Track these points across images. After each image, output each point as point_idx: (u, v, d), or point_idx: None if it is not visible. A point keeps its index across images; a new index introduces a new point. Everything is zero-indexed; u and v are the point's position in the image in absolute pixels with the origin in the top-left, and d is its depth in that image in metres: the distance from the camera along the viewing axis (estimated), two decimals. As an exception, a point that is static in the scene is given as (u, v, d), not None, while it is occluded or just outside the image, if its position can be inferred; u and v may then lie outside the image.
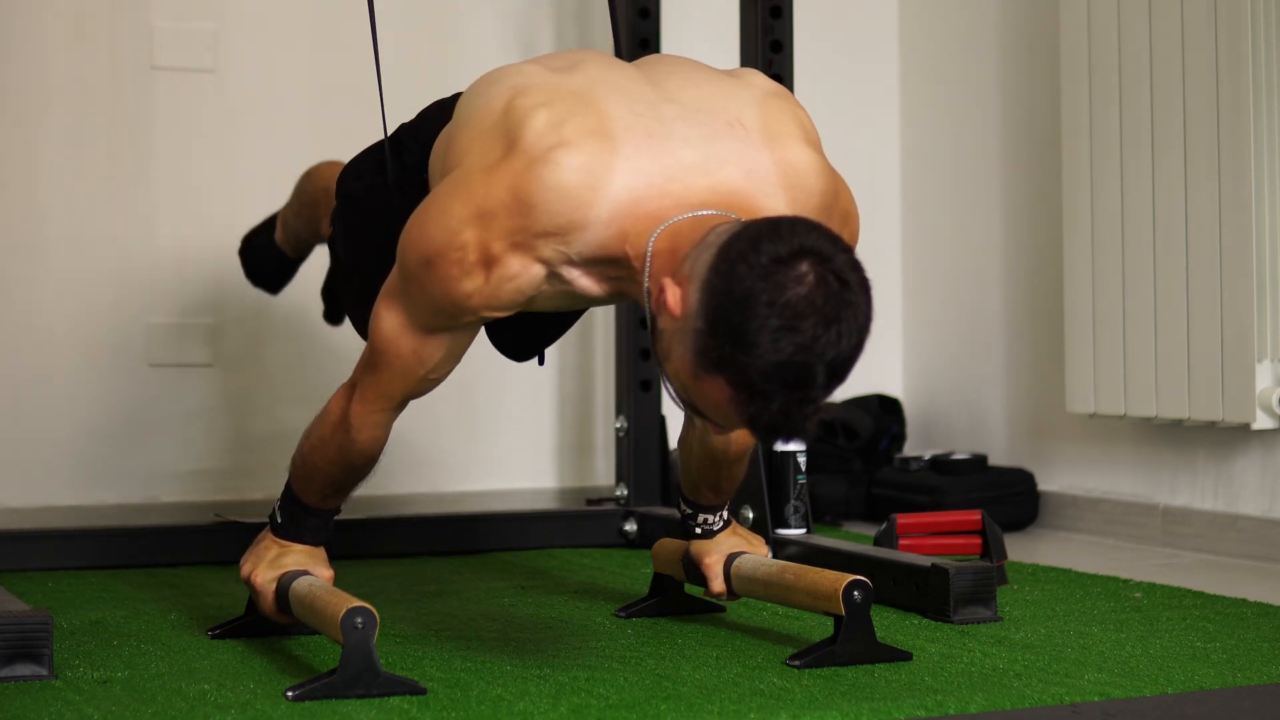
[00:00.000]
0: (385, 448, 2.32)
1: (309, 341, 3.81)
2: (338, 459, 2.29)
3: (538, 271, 2.03)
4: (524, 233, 2.00)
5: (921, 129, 4.28)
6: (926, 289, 4.26)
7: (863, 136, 4.31)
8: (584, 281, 2.06)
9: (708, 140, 2.05)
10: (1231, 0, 3.20)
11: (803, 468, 3.05)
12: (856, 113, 4.31)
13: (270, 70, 3.84)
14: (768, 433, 1.92)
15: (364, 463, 2.30)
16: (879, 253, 4.33)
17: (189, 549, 3.17)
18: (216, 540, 3.17)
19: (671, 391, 1.99)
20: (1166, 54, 3.35)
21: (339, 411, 2.26)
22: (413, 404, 3.32)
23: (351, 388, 2.26)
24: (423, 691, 2.04)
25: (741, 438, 2.45)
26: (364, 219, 2.44)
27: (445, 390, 3.96)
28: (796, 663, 2.22)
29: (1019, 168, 3.95)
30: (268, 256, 3.16)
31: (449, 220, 2.03)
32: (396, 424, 3.39)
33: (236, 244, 3.82)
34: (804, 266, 1.87)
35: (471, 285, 2.03)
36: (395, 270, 2.14)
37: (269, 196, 3.37)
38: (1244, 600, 2.72)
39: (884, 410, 4.09)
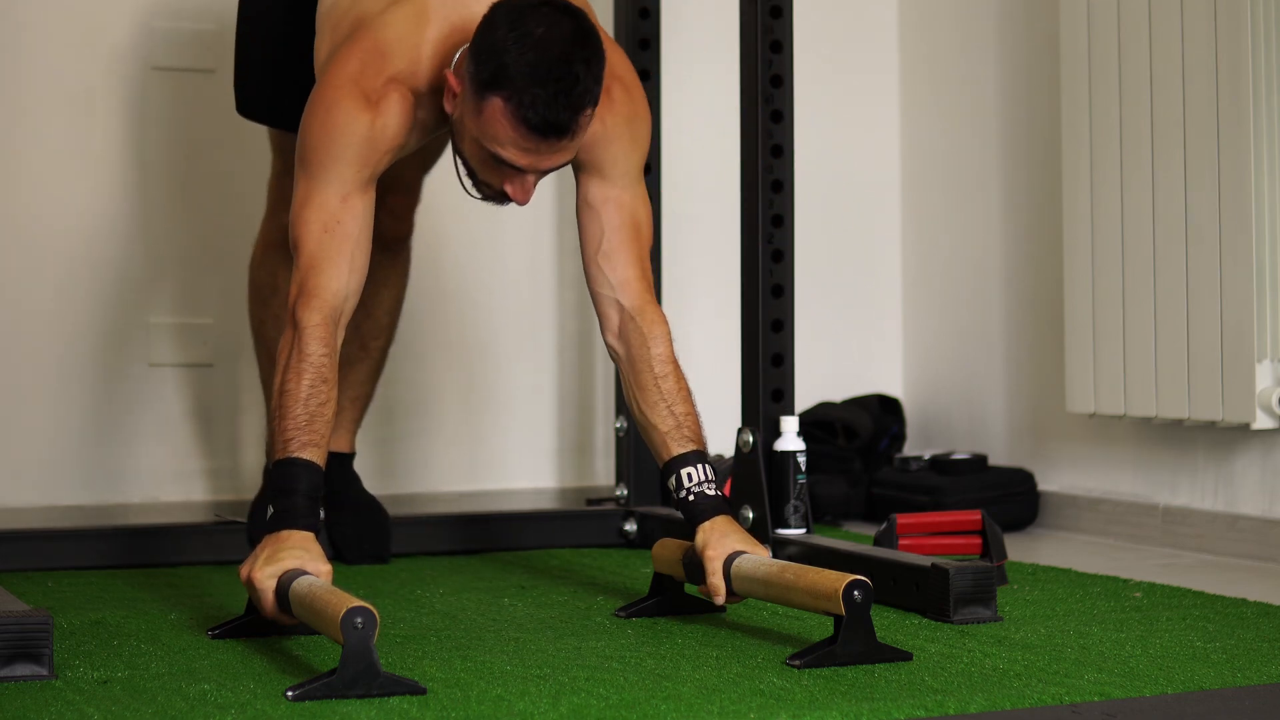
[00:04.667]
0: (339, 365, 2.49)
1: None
2: (298, 363, 2.41)
3: (407, 100, 2.52)
4: (387, 71, 2.52)
5: (921, 129, 4.28)
6: (926, 289, 4.26)
7: (863, 136, 4.32)
8: (424, 112, 2.55)
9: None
10: (1231, 0, 3.20)
11: (803, 468, 3.05)
12: (856, 113, 4.31)
13: (270, 70, 3.84)
14: (539, 126, 2.38)
15: (324, 353, 2.42)
16: (879, 253, 4.33)
17: (189, 549, 3.17)
18: (216, 540, 3.17)
19: (472, 181, 2.52)
20: (1166, 54, 3.35)
21: (289, 329, 2.45)
22: (413, 404, 3.31)
23: (292, 309, 2.46)
24: (423, 691, 2.04)
25: (657, 336, 2.61)
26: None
27: (445, 390, 3.97)
28: (796, 663, 2.22)
29: (1019, 168, 3.95)
30: None
31: (331, 86, 2.52)
32: (398, 424, 3.37)
33: (237, 243, 3.82)
34: (542, 7, 2.41)
35: (364, 121, 2.50)
36: (298, 173, 2.53)
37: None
38: (1244, 600, 2.72)
39: (884, 410, 4.09)
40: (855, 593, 2.23)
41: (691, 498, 2.52)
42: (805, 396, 3.93)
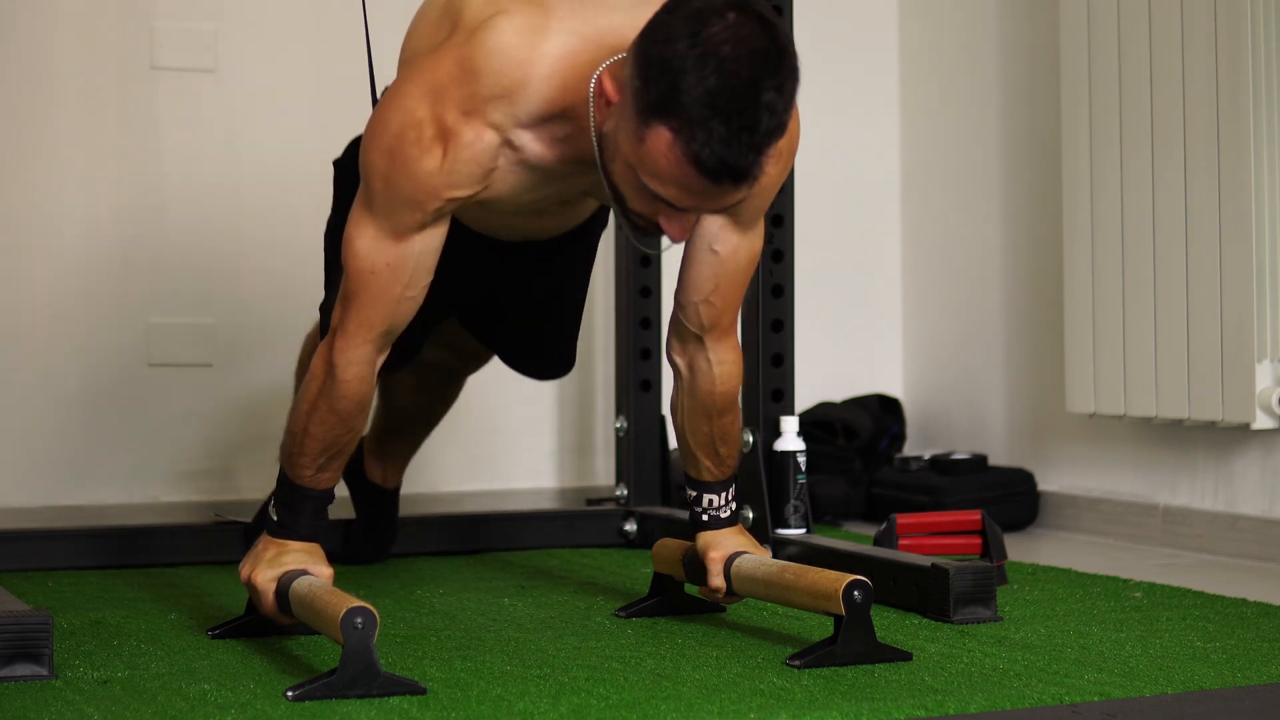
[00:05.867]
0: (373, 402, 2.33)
1: (309, 341, 3.81)
2: (327, 414, 2.29)
3: (491, 139, 2.15)
4: (473, 99, 2.12)
5: (921, 129, 4.28)
6: (926, 289, 4.26)
7: (863, 136, 4.32)
8: (535, 147, 2.17)
9: (637, 7, 2.12)
10: (1231, 1, 3.20)
11: (803, 468, 3.05)
12: (856, 113, 4.31)
13: (270, 70, 3.84)
14: (713, 170, 1.97)
15: (353, 409, 2.29)
16: (879, 254, 4.33)
17: (189, 549, 3.17)
18: (216, 540, 3.16)
19: (620, 209, 2.11)
20: (1166, 56, 3.35)
21: (323, 362, 2.28)
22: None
23: (331, 337, 2.28)
24: (423, 691, 2.04)
25: (726, 375, 2.45)
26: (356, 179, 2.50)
27: (445, 390, 3.96)
28: (796, 663, 2.22)
29: (1019, 168, 3.95)
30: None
31: (404, 102, 2.15)
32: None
33: (237, 243, 3.82)
34: (729, 13, 1.97)
35: (432, 162, 2.14)
36: (360, 186, 2.23)
37: (269, 196, 3.37)
38: (1244, 600, 2.72)
39: (884, 410, 4.09)
40: (855, 593, 2.23)
41: (706, 518, 2.53)
42: (805, 396, 3.93)
